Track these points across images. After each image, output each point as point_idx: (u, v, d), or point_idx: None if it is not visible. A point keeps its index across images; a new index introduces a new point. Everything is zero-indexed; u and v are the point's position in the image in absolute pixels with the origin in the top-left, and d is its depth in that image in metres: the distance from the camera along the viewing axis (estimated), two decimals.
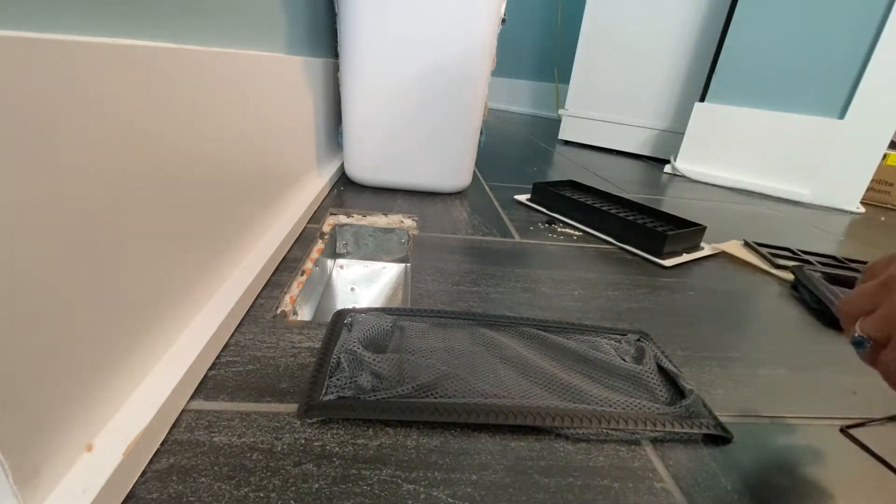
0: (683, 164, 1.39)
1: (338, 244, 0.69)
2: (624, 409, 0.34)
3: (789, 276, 0.66)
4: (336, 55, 0.79)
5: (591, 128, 1.73)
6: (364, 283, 0.70)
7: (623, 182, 1.22)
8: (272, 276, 0.50)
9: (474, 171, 1.06)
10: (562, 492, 0.28)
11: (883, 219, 1.18)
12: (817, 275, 0.60)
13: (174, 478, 0.26)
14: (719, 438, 0.33)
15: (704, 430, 0.33)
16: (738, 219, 1.00)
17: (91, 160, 0.24)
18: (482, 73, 0.78)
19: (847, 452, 0.34)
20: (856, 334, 0.27)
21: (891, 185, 1.31)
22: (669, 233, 0.67)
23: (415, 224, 0.70)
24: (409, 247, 0.67)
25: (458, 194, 0.90)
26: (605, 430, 0.32)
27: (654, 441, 0.33)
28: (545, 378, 0.36)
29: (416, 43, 0.74)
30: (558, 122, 1.84)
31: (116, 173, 0.26)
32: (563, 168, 1.33)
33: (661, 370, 0.39)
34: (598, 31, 1.62)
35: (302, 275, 0.53)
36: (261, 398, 0.33)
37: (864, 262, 0.64)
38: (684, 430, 0.33)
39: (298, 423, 0.31)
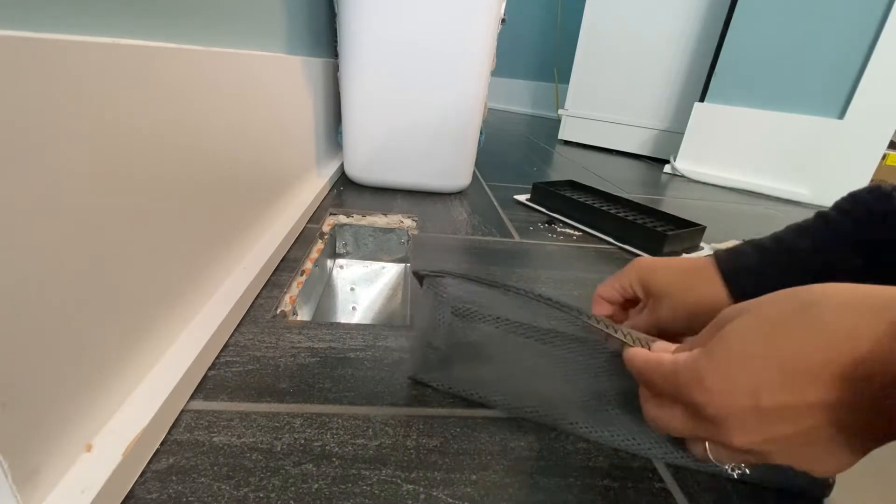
0: (683, 164, 1.39)
1: (337, 244, 0.69)
2: None
3: None
4: (336, 55, 0.79)
5: (590, 128, 1.73)
6: (364, 283, 0.70)
7: (623, 182, 1.22)
8: (272, 276, 0.50)
9: (474, 171, 1.06)
10: (562, 492, 0.28)
11: None
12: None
13: (174, 478, 0.26)
14: None
15: None
16: (737, 219, 1.00)
17: (90, 160, 0.24)
18: (482, 72, 0.78)
19: None
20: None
21: None
22: (669, 233, 0.67)
23: (415, 224, 0.70)
24: (408, 247, 0.67)
25: (457, 194, 0.90)
26: None
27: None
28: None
29: (415, 43, 0.74)
30: (558, 122, 1.84)
31: (116, 173, 0.26)
32: (563, 168, 1.33)
33: None
34: (598, 31, 1.62)
35: (301, 275, 0.53)
36: (260, 398, 0.33)
37: None
38: None
39: (298, 422, 0.31)
